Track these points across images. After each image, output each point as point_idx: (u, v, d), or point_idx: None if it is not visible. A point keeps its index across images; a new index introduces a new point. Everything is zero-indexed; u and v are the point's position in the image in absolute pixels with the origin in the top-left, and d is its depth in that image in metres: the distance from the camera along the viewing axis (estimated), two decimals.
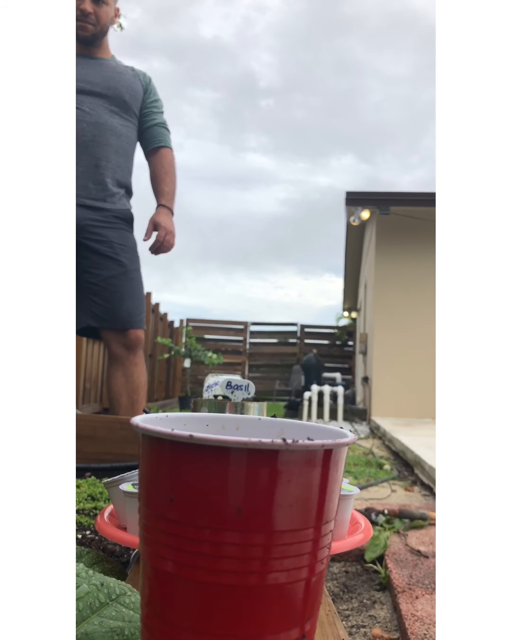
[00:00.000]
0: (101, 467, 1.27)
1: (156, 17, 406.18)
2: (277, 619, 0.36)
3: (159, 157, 2.12)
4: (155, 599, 0.37)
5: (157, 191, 2.10)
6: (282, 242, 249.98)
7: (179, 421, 0.45)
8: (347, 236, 8.00)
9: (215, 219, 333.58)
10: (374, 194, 6.20)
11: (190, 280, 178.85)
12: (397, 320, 6.13)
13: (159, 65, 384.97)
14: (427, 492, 2.48)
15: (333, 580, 1.43)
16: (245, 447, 0.33)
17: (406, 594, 1.20)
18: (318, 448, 0.35)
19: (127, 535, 0.71)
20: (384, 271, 6.24)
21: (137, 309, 1.99)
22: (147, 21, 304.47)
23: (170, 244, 2.06)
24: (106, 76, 1.97)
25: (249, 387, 0.95)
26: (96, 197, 1.94)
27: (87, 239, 1.91)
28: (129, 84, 2.02)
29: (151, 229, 2.04)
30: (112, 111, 1.96)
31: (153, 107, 2.11)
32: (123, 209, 2.02)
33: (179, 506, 0.35)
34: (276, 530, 0.35)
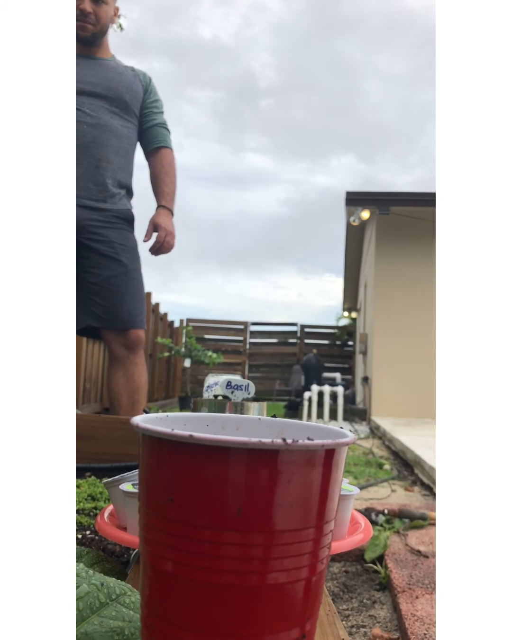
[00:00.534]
0: (101, 467, 1.27)
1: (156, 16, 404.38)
2: (277, 618, 0.36)
3: (159, 158, 2.12)
4: (155, 599, 0.37)
5: (157, 192, 2.10)
6: (282, 242, 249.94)
7: (179, 421, 0.46)
8: (347, 236, 8.01)
9: (214, 219, 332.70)
10: (374, 194, 6.20)
11: (190, 281, 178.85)
12: (397, 320, 6.13)
13: (158, 65, 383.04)
14: (427, 492, 2.48)
15: (333, 580, 1.43)
16: (245, 447, 0.33)
17: (406, 594, 1.20)
18: (318, 448, 0.35)
19: (127, 535, 0.71)
20: (384, 271, 6.24)
21: (138, 309, 1.99)
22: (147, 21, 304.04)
23: (170, 245, 2.06)
24: (107, 77, 1.97)
25: (249, 387, 0.95)
26: (97, 197, 1.94)
27: (88, 239, 1.91)
28: (129, 85, 2.02)
29: (151, 230, 2.04)
30: (113, 112, 1.97)
31: (153, 107, 2.11)
32: (124, 209, 2.02)
33: (178, 506, 0.35)
34: (276, 530, 0.35)
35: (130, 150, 2.06)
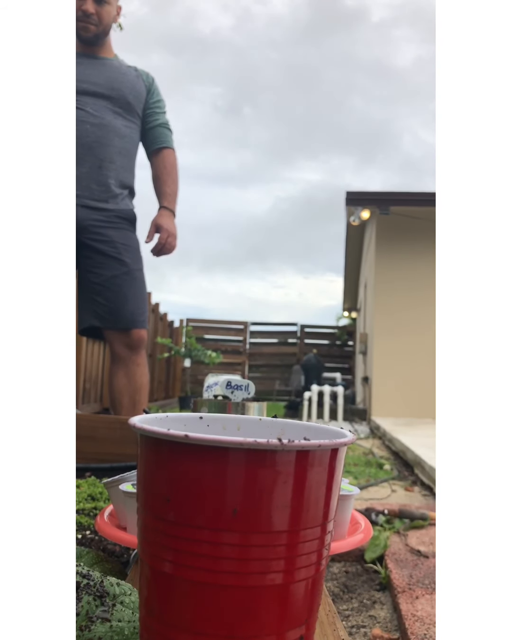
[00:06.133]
0: (101, 467, 1.27)
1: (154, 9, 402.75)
2: (276, 619, 0.36)
3: (161, 158, 2.12)
4: (154, 599, 0.37)
5: (159, 192, 2.10)
6: (282, 241, 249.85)
7: (180, 421, 0.45)
8: (347, 236, 8.01)
9: (214, 218, 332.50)
10: (374, 194, 6.20)
11: (190, 280, 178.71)
12: (397, 320, 6.13)
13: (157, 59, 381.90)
14: (427, 492, 2.48)
15: (333, 580, 1.43)
16: (241, 447, 0.33)
17: (406, 594, 1.20)
18: (314, 448, 0.35)
19: (127, 535, 0.71)
20: (384, 271, 6.24)
21: (140, 309, 2.00)
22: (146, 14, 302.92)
23: (172, 246, 2.06)
24: (110, 77, 1.97)
25: (249, 387, 0.95)
26: (99, 198, 1.94)
27: (90, 239, 1.91)
28: (133, 85, 2.02)
29: (153, 231, 2.04)
30: (116, 112, 1.97)
31: (156, 107, 2.11)
32: (126, 209, 2.02)
33: (175, 507, 0.35)
34: (274, 531, 0.34)
35: (132, 151, 2.06)
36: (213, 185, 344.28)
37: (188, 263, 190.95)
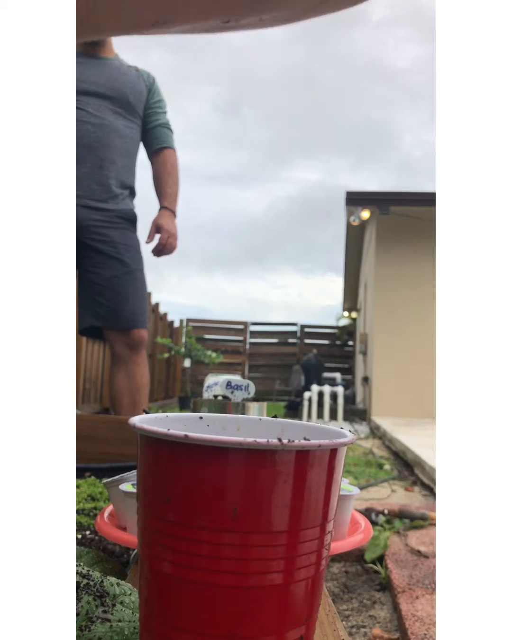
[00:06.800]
0: (101, 467, 1.27)
1: None
2: (276, 620, 0.36)
3: (162, 159, 2.12)
4: (154, 600, 0.37)
5: (160, 193, 2.11)
6: (282, 241, 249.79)
7: (179, 421, 0.45)
8: (347, 236, 8.01)
9: (213, 218, 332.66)
10: (374, 194, 6.20)
11: (190, 280, 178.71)
12: (397, 320, 6.13)
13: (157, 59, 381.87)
14: (427, 492, 2.48)
15: (333, 580, 1.43)
16: (240, 447, 0.33)
17: (406, 594, 1.20)
18: (314, 448, 0.35)
19: (126, 535, 0.71)
20: (384, 271, 6.25)
21: (141, 309, 2.00)
22: None
23: (173, 246, 2.07)
24: (111, 77, 1.97)
25: (249, 387, 0.95)
26: (100, 198, 1.94)
27: (91, 239, 1.92)
28: (133, 85, 2.02)
29: (154, 231, 2.04)
30: (117, 112, 1.97)
31: (157, 107, 2.12)
32: (126, 209, 2.02)
33: (175, 507, 0.35)
34: (274, 531, 0.34)
35: (133, 151, 2.06)
36: (212, 185, 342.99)
37: (187, 263, 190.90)
